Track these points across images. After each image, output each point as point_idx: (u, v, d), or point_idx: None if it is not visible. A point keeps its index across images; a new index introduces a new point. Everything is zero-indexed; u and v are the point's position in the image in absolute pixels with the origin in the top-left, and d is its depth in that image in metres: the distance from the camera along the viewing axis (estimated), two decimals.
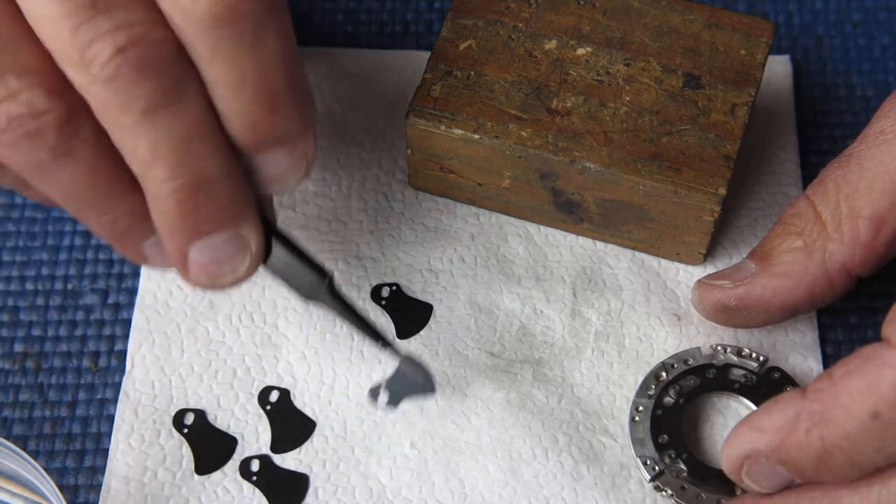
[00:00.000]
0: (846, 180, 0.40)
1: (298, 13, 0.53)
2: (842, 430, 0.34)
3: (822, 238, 0.41)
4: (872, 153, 0.40)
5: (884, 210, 0.40)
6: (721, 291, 0.42)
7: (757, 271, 0.42)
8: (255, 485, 0.42)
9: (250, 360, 0.44)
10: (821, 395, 0.35)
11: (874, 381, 0.34)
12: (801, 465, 0.36)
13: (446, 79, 0.44)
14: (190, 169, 0.34)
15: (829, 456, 0.35)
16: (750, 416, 0.37)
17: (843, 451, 0.35)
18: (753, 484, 0.37)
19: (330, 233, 0.47)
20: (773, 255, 0.42)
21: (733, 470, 0.38)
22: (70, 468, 0.43)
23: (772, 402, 0.37)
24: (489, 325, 0.45)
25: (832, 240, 0.40)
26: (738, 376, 0.43)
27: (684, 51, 0.44)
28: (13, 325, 0.46)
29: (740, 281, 0.42)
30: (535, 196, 0.45)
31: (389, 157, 0.49)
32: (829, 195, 0.41)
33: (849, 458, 0.35)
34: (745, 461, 0.37)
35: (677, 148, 0.42)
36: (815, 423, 0.35)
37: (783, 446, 0.36)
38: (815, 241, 0.41)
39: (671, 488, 0.41)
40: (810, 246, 0.41)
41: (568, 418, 0.43)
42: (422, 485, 0.42)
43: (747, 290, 0.42)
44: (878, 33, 0.52)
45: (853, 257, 0.40)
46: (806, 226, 0.41)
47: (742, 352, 0.43)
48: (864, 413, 0.34)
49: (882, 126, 0.41)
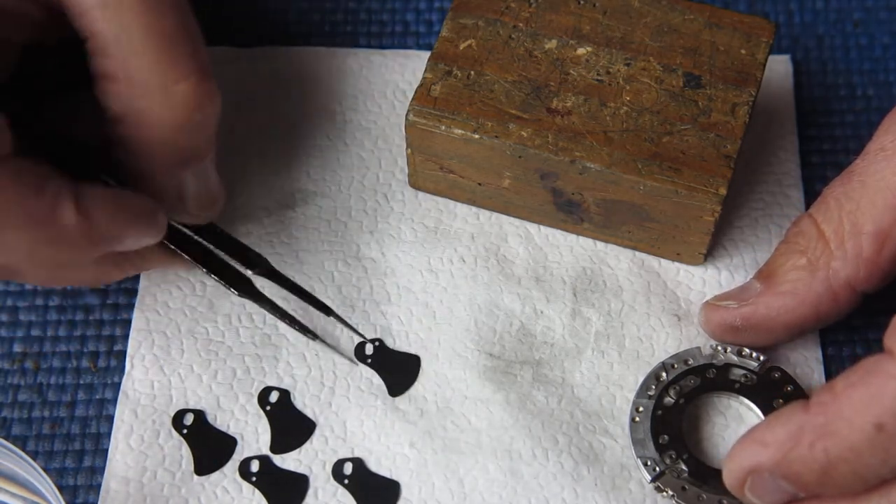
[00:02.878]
0: (848, 197, 0.41)
1: (299, 13, 0.53)
2: (846, 442, 0.34)
3: (825, 256, 0.41)
4: (873, 169, 0.40)
5: (886, 226, 0.40)
6: (726, 312, 0.42)
7: (761, 291, 0.42)
8: (254, 485, 0.42)
9: (250, 360, 0.44)
10: (824, 408, 0.35)
11: (877, 393, 0.34)
12: (804, 478, 0.35)
13: (446, 79, 0.44)
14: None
15: (833, 469, 0.35)
16: (752, 429, 0.37)
17: (848, 464, 0.34)
18: (756, 499, 0.37)
19: (330, 233, 0.47)
20: (778, 275, 0.42)
21: (736, 485, 0.37)
22: (69, 468, 0.43)
23: (774, 416, 0.37)
24: (489, 326, 0.45)
25: (835, 257, 0.40)
26: (739, 376, 0.43)
27: (685, 50, 0.44)
28: (13, 325, 0.46)
29: (745, 301, 0.42)
30: (536, 196, 0.45)
31: (389, 157, 0.49)
32: (831, 212, 0.41)
33: (853, 470, 0.34)
34: (749, 475, 0.37)
35: (678, 148, 0.42)
36: (818, 436, 0.35)
37: (786, 460, 0.35)
38: (819, 258, 0.41)
39: (672, 489, 0.41)
40: (814, 264, 0.41)
41: (568, 419, 0.43)
42: (422, 485, 0.42)
43: (752, 309, 0.42)
44: (879, 33, 0.52)
45: (857, 274, 0.40)
46: (809, 244, 0.41)
47: (742, 352, 0.43)
48: (868, 425, 0.34)
49: (883, 142, 0.41)
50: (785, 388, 0.42)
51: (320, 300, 0.45)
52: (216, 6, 0.53)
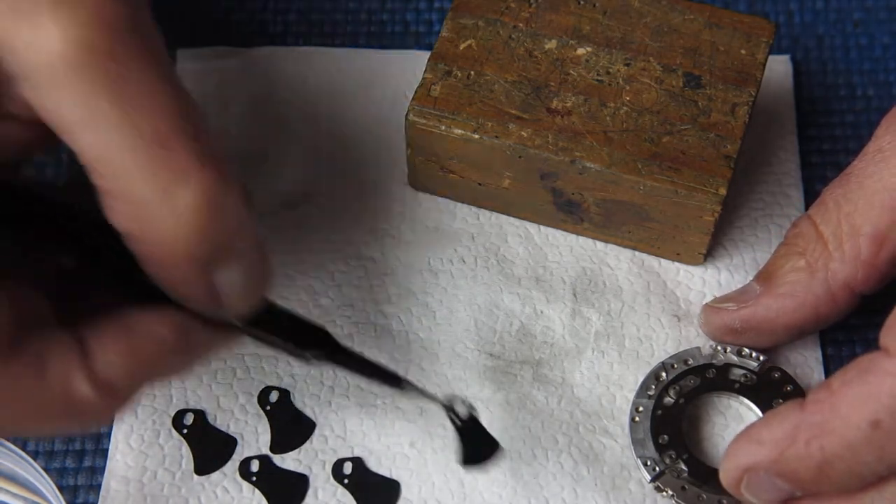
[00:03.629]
0: (846, 199, 0.41)
1: (298, 13, 0.53)
2: (842, 440, 0.34)
3: (824, 257, 0.41)
4: (871, 171, 0.40)
5: (884, 227, 0.40)
6: (726, 314, 0.43)
7: (761, 292, 0.42)
8: (254, 485, 0.42)
9: (250, 360, 0.44)
10: (820, 406, 0.35)
11: (873, 390, 0.34)
12: (801, 476, 0.35)
13: (446, 79, 0.44)
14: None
15: (829, 466, 0.35)
16: (748, 428, 0.37)
17: (844, 461, 0.34)
18: (753, 497, 0.37)
19: (330, 233, 0.47)
20: (777, 276, 0.42)
21: (733, 483, 0.37)
22: (70, 468, 0.43)
23: (770, 415, 0.37)
24: (489, 326, 0.45)
25: (834, 258, 0.40)
26: (738, 376, 0.43)
27: (684, 51, 0.44)
28: None
29: (745, 303, 0.42)
30: (535, 196, 0.45)
31: (389, 157, 0.49)
32: (830, 214, 0.41)
33: (849, 468, 0.34)
34: (745, 474, 0.37)
35: (677, 148, 0.42)
36: (814, 434, 0.35)
37: (783, 458, 0.36)
38: (818, 260, 0.41)
39: (672, 489, 0.41)
40: (813, 265, 0.41)
41: (568, 419, 0.43)
42: (422, 484, 0.42)
43: (752, 311, 0.42)
44: (879, 33, 0.52)
45: (856, 275, 0.40)
46: (808, 245, 0.41)
47: (742, 351, 0.43)
48: (864, 422, 0.34)
49: (881, 144, 0.41)
50: (784, 387, 0.43)
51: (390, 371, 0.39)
52: (216, 6, 0.53)
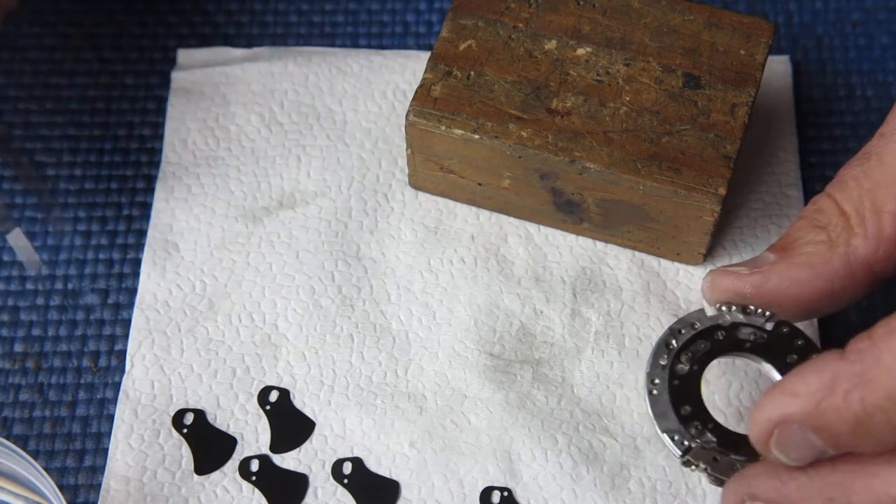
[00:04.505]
0: (867, 176, 0.39)
1: (299, 13, 0.53)
2: (884, 390, 0.32)
3: (846, 232, 0.39)
4: (891, 148, 0.39)
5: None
6: (737, 277, 0.40)
7: (776, 260, 0.40)
8: (254, 485, 0.42)
9: (250, 360, 0.44)
10: (860, 356, 0.33)
11: None
12: (837, 430, 0.33)
13: (446, 79, 0.44)
14: None
15: (868, 419, 0.33)
16: (782, 380, 0.35)
17: (885, 413, 0.32)
18: (782, 454, 0.35)
19: (330, 233, 0.47)
20: (795, 247, 0.40)
21: (762, 437, 0.35)
22: (70, 468, 0.43)
23: (806, 365, 0.35)
24: (489, 326, 0.45)
25: (856, 234, 0.39)
26: (748, 335, 0.41)
27: (684, 51, 0.44)
28: (13, 325, 0.46)
29: (758, 268, 0.40)
30: (535, 196, 0.45)
31: (389, 157, 0.49)
32: (850, 191, 0.39)
33: (890, 420, 0.32)
34: (776, 428, 0.35)
35: (677, 148, 0.42)
36: (854, 384, 0.33)
37: (819, 410, 0.33)
38: (840, 235, 0.39)
39: (704, 461, 0.38)
40: (834, 240, 0.39)
41: (567, 418, 0.43)
42: (421, 484, 0.42)
43: (764, 277, 0.40)
44: (878, 33, 0.52)
45: (877, 252, 0.39)
46: (830, 220, 0.40)
47: (747, 309, 0.41)
48: None
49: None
50: (795, 342, 0.40)
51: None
52: (217, 6, 0.53)
